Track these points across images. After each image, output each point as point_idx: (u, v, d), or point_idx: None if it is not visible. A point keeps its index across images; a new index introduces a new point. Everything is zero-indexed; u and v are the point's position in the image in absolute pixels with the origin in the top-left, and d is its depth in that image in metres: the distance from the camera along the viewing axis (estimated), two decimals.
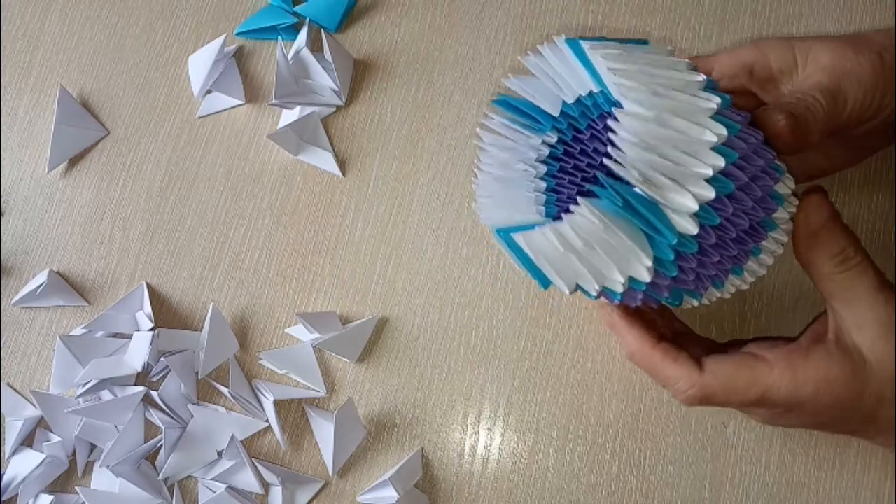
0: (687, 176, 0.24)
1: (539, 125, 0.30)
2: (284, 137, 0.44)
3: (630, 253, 0.24)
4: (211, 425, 0.41)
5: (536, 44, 0.44)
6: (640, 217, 0.24)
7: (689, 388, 0.28)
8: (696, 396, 0.28)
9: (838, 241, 0.28)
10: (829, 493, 0.37)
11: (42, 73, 0.49)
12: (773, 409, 0.29)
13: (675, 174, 0.24)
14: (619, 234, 0.24)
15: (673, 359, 0.29)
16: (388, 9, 0.46)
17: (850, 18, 0.41)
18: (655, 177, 0.24)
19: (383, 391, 0.41)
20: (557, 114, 0.29)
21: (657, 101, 0.24)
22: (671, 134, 0.24)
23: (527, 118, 0.30)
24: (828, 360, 0.27)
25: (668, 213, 0.24)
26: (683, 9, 0.43)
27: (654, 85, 0.25)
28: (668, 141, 0.24)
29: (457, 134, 0.44)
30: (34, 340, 0.45)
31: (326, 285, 0.43)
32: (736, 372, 0.28)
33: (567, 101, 0.29)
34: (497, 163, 0.30)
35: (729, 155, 0.25)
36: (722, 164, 0.24)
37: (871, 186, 0.39)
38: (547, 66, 0.28)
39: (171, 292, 0.45)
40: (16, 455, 0.43)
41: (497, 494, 0.39)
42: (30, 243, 0.47)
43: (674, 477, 0.38)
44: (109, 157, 0.47)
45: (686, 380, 0.28)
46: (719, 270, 0.27)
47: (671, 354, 0.29)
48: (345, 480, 0.41)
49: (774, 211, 0.27)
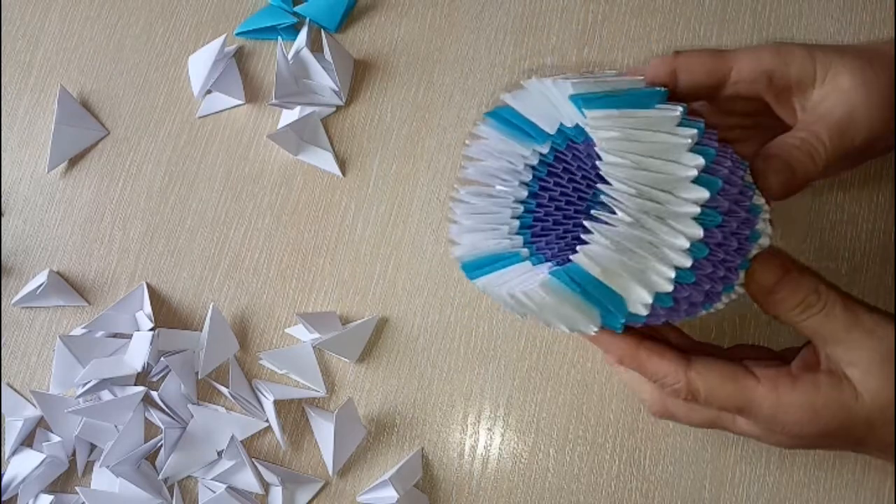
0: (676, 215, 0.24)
1: (531, 138, 0.30)
2: (284, 137, 0.44)
3: (579, 320, 0.26)
4: (211, 425, 0.41)
5: (537, 44, 0.44)
6: (592, 298, 0.25)
7: (675, 382, 0.29)
8: (682, 390, 0.29)
9: (795, 294, 0.27)
10: (829, 493, 0.37)
11: (42, 73, 0.49)
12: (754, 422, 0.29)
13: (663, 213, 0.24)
14: (571, 310, 0.25)
15: (660, 355, 0.29)
16: (388, 9, 0.46)
17: (850, 18, 0.41)
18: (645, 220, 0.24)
19: (383, 391, 0.41)
20: (553, 131, 0.29)
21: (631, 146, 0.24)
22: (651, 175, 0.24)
23: (519, 132, 0.30)
24: (814, 390, 0.27)
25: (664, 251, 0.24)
26: (683, 9, 0.43)
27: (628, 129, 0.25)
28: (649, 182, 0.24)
29: (457, 134, 0.44)
30: (34, 340, 0.45)
31: (326, 285, 0.43)
32: (722, 378, 0.28)
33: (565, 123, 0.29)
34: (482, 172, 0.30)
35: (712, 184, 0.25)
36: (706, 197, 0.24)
37: (871, 186, 0.39)
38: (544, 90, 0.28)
39: (171, 292, 0.45)
40: (16, 455, 0.43)
41: (497, 494, 0.39)
42: (30, 243, 0.47)
43: (674, 477, 0.38)
44: (109, 157, 0.47)
45: (673, 374, 0.29)
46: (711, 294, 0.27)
47: (657, 351, 0.29)
48: (345, 480, 0.41)
49: (756, 224, 0.27)
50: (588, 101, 0.25)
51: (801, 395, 0.27)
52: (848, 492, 0.37)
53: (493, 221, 0.30)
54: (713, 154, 0.25)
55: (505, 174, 0.30)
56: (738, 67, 0.30)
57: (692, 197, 0.24)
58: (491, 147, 0.30)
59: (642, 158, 0.24)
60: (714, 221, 0.25)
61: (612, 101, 0.25)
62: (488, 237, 0.30)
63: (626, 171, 0.24)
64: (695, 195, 0.24)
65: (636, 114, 0.25)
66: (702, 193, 0.24)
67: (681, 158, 0.24)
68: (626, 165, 0.24)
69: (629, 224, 0.24)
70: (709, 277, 0.26)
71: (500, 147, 0.30)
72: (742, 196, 0.27)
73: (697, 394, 0.28)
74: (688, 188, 0.24)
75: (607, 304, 0.25)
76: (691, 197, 0.24)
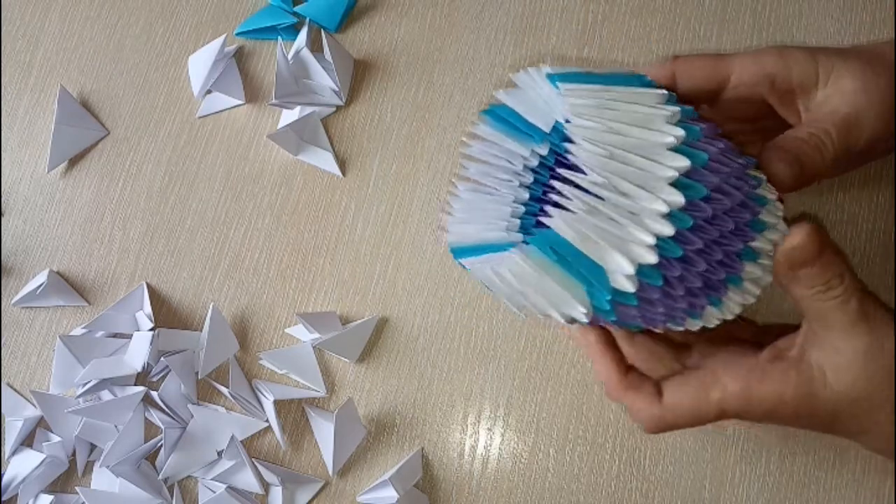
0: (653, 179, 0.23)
1: (529, 137, 0.29)
2: (284, 137, 0.44)
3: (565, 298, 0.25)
4: (211, 425, 0.41)
5: (537, 44, 0.44)
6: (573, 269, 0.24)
7: (649, 420, 0.30)
8: (657, 427, 0.30)
9: (823, 274, 0.27)
10: (829, 493, 0.37)
11: (42, 73, 0.49)
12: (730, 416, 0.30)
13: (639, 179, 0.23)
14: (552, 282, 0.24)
15: (636, 389, 0.30)
16: (388, 9, 0.46)
17: (850, 18, 0.41)
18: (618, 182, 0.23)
19: (383, 391, 0.41)
20: (549, 130, 0.29)
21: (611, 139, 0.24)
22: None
23: (516, 130, 0.29)
24: (783, 383, 0.28)
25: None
26: (683, 9, 0.43)
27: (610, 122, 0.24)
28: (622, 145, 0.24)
29: (457, 134, 0.44)
30: (34, 340, 0.45)
31: (326, 285, 0.43)
32: (691, 402, 0.29)
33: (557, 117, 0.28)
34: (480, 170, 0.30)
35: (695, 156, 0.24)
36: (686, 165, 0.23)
37: (871, 186, 0.39)
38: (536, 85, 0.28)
39: (171, 292, 0.45)
40: (16, 455, 0.43)
41: (497, 494, 0.39)
42: (30, 243, 0.47)
43: (674, 477, 0.38)
44: (109, 157, 0.47)
45: (646, 411, 0.30)
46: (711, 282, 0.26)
47: (634, 384, 0.30)
48: (345, 480, 0.41)
49: (759, 213, 0.27)
50: (565, 77, 0.25)
51: (768, 388, 0.28)
52: (848, 492, 0.37)
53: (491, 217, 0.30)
54: (698, 132, 0.25)
55: (503, 173, 0.30)
56: (739, 71, 0.30)
57: (671, 164, 0.23)
58: (488, 146, 0.30)
59: (616, 124, 0.23)
60: (699, 193, 0.24)
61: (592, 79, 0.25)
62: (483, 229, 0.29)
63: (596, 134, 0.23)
64: (674, 162, 0.23)
65: (615, 88, 0.25)
66: (681, 161, 0.23)
67: (660, 128, 0.24)
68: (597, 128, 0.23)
69: (600, 185, 0.23)
70: (702, 256, 0.25)
71: (498, 145, 0.30)
72: (740, 180, 0.26)
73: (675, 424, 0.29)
74: (665, 155, 0.23)
75: (588, 275, 0.24)
76: (670, 164, 0.23)
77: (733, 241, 0.26)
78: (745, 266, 0.27)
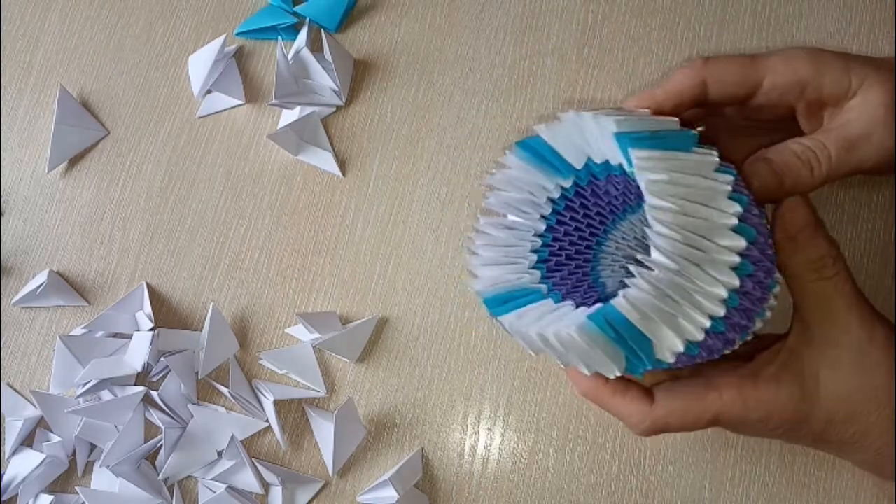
0: (716, 263, 0.24)
1: (558, 171, 0.29)
2: (284, 137, 0.44)
3: (604, 363, 0.25)
4: (211, 425, 0.41)
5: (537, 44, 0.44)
6: (625, 345, 0.24)
7: (641, 423, 0.29)
8: (650, 429, 0.29)
9: (817, 248, 0.27)
10: (829, 493, 0.37)
11: (42, 73, 0.49)
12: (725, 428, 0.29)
13: (703, 261, 0.24)
14: (599, 354, 0.25)
15: (622, 394, 0.29)
16: (388, 9, 0.46)
17: (850, 18, 0.41)
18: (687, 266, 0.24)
19: (383, 391, 0.41)
20: (580, 166, 0.29)
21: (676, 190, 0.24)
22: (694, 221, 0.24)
23: (546, 164, 0.29)
24: (776, 385, 0.28)
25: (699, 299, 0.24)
26: (683, 9, 0.43)
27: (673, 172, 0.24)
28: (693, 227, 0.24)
29: (457, 134, 0.44)
30: (34, 340, 0.45)
31: (326, 285, 0.43)
32: (686, 405, 0.29)
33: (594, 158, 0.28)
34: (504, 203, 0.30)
35: (748, 232, 0.24)
36: (744, 245, 0.24)
37: (871, 186, 0.39)
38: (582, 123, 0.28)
39: (171, 292, 0.45)
40: (16, 455, 0.43)
41: (497, 494, 0.39)
42: (30, 243, 0.47)
43: (674, 477, 0.38)
44: (109, 157, 0.47)
45: (637, 414, 0.29)
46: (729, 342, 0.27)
47: (620, 390, 0.30)
48: (345, 480, 0.41)
49: (768, 300, 0.27)
50: (634, 140, 0.25)
51: (762, 392, 0.28)
52: (848, 492, 0.37)
53: (513, 255, 0.30)
54: (747, 201, 0.25)
55: (526, 206, 0.30)
56: (772, 77, 0.29)
57: (732, 245, 0.24)
58: (515, 177, 0.30)
59: (687, 203, 0.24)
60: (746, 271, 0.25)
61: (655, 142, 0.25)
62: (508, 271, 0.30)
63: (671, 216, 0.23)
64: (734, 243, 0.24)
65: (679, 156, 0.25)
66: (740, 242, 0.24)
67: (721, 205, 0.24)
68: (672, 210, 0.24)
69: (673, 271, 0.23)
70: (734, 327, 0.26)
71: (525, 178, 0.30)
72: (766, 244, 0.26)
73: (667, 426, 0.29)
74: (727, 236, 0.24)
75: (637, 349, 0.24)
76: (731, 245, 0.24)
77: (756, 307, 0.26)
78: (756, 322, 0.27)
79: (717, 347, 0.26)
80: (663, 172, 0.24)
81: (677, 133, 0.26)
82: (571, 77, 0.43)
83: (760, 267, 0.26)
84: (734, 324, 0.26)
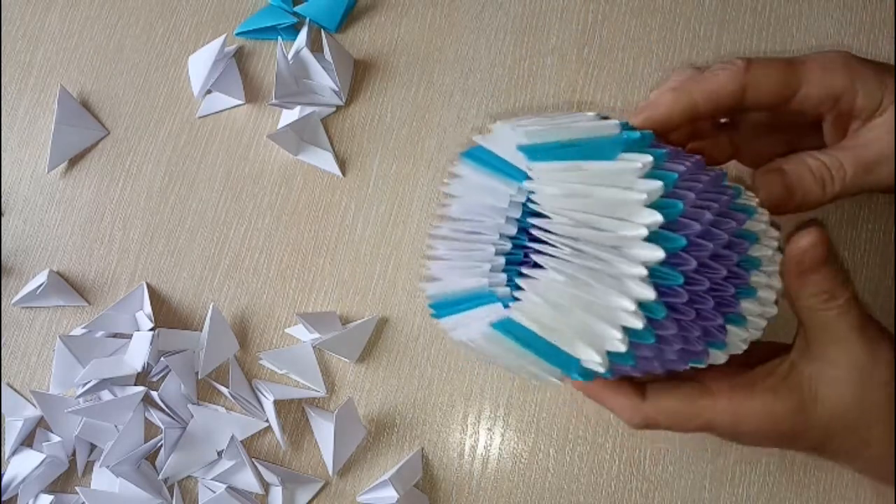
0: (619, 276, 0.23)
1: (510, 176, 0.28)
2: (284, 137, 0.44)
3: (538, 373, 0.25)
4: (211, 425, 0.41)
5: (537, 44, 0.44)
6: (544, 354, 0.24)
7: (631, 418, 0.29)
8: (640, 424, 0.29)
9: (828, 281, 0.27)
10: (829, 493, 0.37)
11: (42, 73, 0.49)
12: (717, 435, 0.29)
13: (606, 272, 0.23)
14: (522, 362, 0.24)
15: (614, 388, 0.29)
16: (388, 9, 0.46)
17: (850, 18, 0.41)
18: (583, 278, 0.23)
19: (383, 391, 0.41)
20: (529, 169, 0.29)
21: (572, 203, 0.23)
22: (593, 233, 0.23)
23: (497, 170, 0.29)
24: (773, 397, 0.27)
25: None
26: (683, 9, 0.43)
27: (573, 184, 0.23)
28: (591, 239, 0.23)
29: (457, 134, 0.44)
30: (34, 340, 0.45)
31: (326, 285, 0.43)
32: (678, 405, 0.28)
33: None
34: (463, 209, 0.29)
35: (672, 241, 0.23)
36: (659, 256, 0.22)
37: None
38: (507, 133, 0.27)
39: (171, 292, 0.45)
40: (16, 455, 0.43)
41: (497, 494, 0.39)
42: (30, 243, 0.47)
43: (674, 477, 0.38)
44: (109, 157, 0.47)
45: (628, 409, 0.29)
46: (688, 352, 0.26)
47: (611, 384, 0.30)
48: (345, 480, 0.41)
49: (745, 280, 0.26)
50: (538, 152, 0.24)
51: (758, 403, 0.27)
52: (848, 492, 0.37)
53: (475, 259, 0.29)
54: (680, 209, 0.24)
55: (487, 210, 0.29)
56: (808, 90, 0.28)
57: (642, 256, 0.22)
58: (470, 183, 0.29)
59: (584, 216, 0.23)
60: (675, 280, 0.23)
61: (564, 152, 0.24)
62: (466, 275, 0.29)
63: (563, 228, 0.23)
64: (646, 254, 0.22)
65: (586, 166, 0.24)
66: (654, 253, 0.22)
67: (632, 216, 0.23)
68: (564, 223, 0.23)
69: (562, 282, 0.23)
70: (679, 337, 0.25)
71: (480, 183, 0.29)
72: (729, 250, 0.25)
73: (657, 424, 0.29)
74: (637, 245, 0.23)
75: (556, 359, 0.24)
76: (641, 256, 0.22)
77: (715, 316, 0.25)
78: (742, 304, 0.26)
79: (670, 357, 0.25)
80: (557, 186, 0.23)
81: (600, 140, 0.25)
82: (571, 77, 0.43)
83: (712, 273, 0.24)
84: (677, 336, 0.24)
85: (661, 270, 0.23)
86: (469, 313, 0.28)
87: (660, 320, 0.24)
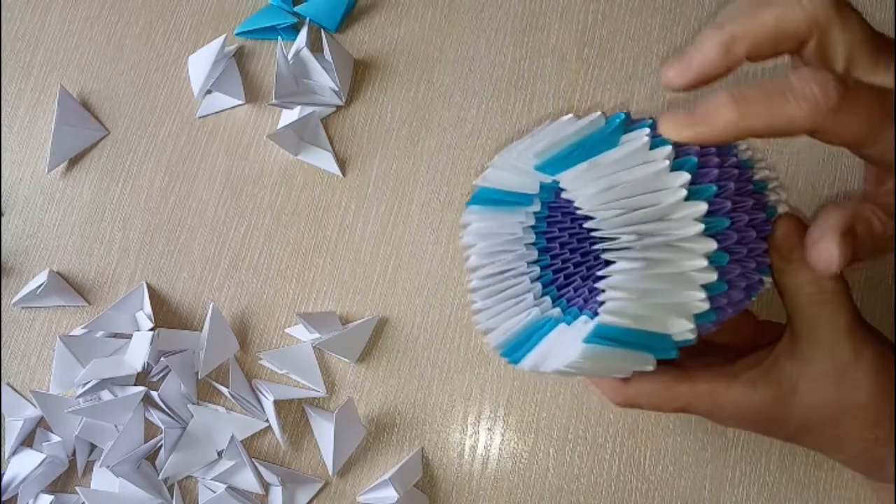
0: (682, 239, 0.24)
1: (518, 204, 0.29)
2: (284, 137, 0.44)
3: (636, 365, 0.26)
4: (211, 425, 0.41)
5: (537, 44, 0.44)
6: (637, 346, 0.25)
7: (615, 396, 0.30)
8: (623, 403, 0.30)
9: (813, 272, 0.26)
10: (829, 493, 0.37)
11: (42, 73, 0.49)
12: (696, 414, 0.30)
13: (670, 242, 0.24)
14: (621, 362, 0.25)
15: None
16: (388, 9, 0.46)
17: None
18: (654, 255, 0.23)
19: (383, 391, 0.41)
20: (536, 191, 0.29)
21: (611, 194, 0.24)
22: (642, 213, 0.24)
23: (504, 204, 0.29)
24: (752, 389, 0.28)
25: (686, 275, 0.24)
26: (683, 9, 0.43)
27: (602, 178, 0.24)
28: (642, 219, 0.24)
29: (457, 134, 0.44)
30: (34, 340, 0.45)
31: (326, 285, 0.43)
32: (658, 387, 0.29)
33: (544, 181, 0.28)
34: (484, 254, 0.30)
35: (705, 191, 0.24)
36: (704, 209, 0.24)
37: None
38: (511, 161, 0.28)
39: (171, 292, 0.45)
40: (16, 455, 0.43)
41: (497, 494, 0.39)
42: (30, 243, 0.47)
43: (674, 477, 0.38)
44: (109, 157, 0.47)
45: (611, 389, 0.30)
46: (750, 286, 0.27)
47: None
48: (345, 480, 0.41)
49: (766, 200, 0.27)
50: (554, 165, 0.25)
51: (737, 393, 0.28)
52: (848, 492, 0.37)
53: (515, 294, 0.30)
54: (695, 163, 0.25)
55: (506, 246, 0.30)
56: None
57: (691, 214, 0.24)
58: (482, 227, 0.30)
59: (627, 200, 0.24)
60: (722, 225, 0.25)
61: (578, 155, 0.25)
62: (515, 312, 0.29)
63: (617, 220, 0.24)
64: (692, 211, 0.24)
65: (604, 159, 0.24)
66: (699, 207, 0.24)
67: (664, 182, 0.24)
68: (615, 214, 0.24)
69: (640, 268, 0.23)
70: (742, 276, 0.26)
71: (492, 224, 0.30)
72: (742, 183, 0.26)
73: (638, 404, 0.29)
74: (683, 207, 0.24)
75: (652, 344, 0.25)
76: (690, 214, 0.24)
77: (759, 244, 0.27)
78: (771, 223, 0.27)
79: (738, 297, 0.26)
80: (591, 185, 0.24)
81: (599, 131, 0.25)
82: (571, 77, 0.43)
83: (742, 208, 0.26)
84: (740, 274, 0.26)
85: (708, 221, 0.24)
86: (541, 345, 0.28)
87: (724, 266, 0.25)
